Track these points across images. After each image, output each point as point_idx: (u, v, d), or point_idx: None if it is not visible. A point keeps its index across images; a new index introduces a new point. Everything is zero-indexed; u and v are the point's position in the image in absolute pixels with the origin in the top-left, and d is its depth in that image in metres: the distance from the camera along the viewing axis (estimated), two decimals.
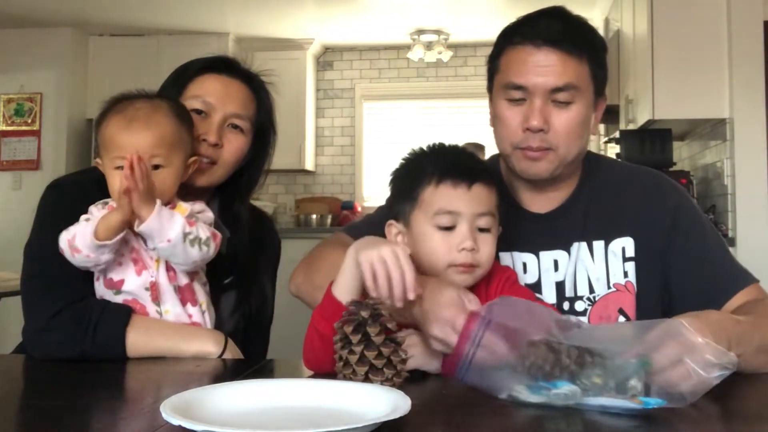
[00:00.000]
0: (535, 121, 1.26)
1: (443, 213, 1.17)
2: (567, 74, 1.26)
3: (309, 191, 6.29)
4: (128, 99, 1.32)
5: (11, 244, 2.61)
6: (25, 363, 1.29)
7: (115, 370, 1.20)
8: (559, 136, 1.27)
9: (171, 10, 5.30)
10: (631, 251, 1.34)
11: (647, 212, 1.35)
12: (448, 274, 1.16)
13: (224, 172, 1.43)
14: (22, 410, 1.00)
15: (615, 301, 1.34)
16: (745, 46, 3.57)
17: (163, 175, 1.27)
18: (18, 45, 5.57)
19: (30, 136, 5.59)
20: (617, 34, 4.52)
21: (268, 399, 0.90)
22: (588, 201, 1.37)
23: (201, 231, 1.26)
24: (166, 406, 0.80)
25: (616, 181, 1.40)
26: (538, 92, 1.26)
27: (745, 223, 3.54)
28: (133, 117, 1.27)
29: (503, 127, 1.32)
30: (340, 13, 5.40)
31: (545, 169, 1.30)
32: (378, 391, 0.89)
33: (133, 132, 1.26)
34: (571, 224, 1.36)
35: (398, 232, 1.23)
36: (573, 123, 1.28)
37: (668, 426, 0.84)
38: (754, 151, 3.57)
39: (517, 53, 1.29)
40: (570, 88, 1.26)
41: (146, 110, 1.28)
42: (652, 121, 3.75)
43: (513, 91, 1.28)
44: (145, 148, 1.24)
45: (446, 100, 6.19)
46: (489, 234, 1.19)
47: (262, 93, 1.50)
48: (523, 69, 1.27)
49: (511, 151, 1.32)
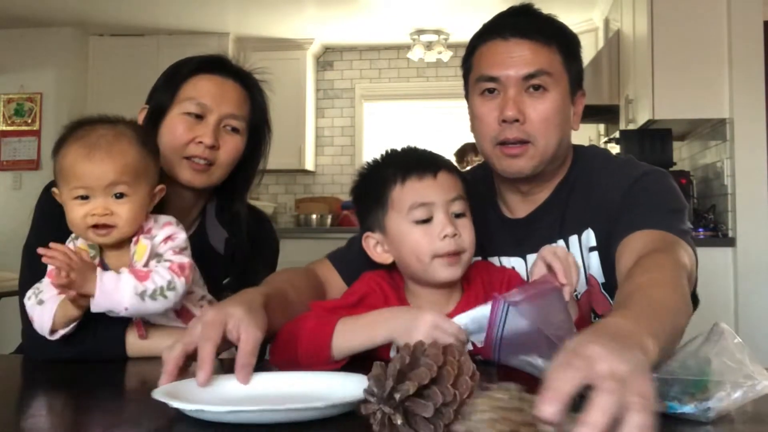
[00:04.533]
0: (509, 111, 1.26)
1: (417, 206, 1.16)
2: (538, 61, 1.27)
3: (309, 191, 6.29)
4: (89, 124, 1.24)
5: (11, 244, 2.61)
6: (25, 363, 1.29)
7: (115, 370, 1.20)
8: (535, 126, 1.27)
9: (171, 10, 5.30)
10: (593, 241, 1.31)
11: (607, 196, 1.29)
12: (435, 269, 1.16)
13: (222, 173, 1.43)
14: (22, 410, 0.99)
15: (587, 296, 1.32)
16: (745, 46, 3.57)
17: (128, 206, 1.20)
18: (18, 45, 5.57)
19: (30, 136, 5.59)
20: (617, 34, 4.51)
21: (254, 387, 0.93)
22: (567, 197, 1.35)
23: (158, 279, 1.18)
24: (156, 391, 0.85)
25: (593, 172, 1.35)
26: (511, 82, 1.27)
27: (745, 223, 3.54)
28: (94, 145, 1.19)
29: (480, 124, 1.32)
30: (340, 13, 5.40)
31: (525, 165, 1.29)
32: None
33: (95, 161, 1.18)
34: (552, 223, 1.35)
35: (376, 242, 1.23)
36: (549, 111, 1.27)
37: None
38: (754, 151, 3.56)
39: (487, 48, 1.31)
40: (542, 74, 1.27)
41: (108, 138, 1.20)
42: (652, 121, 3.74)
43: (486, 83, 1.29)
44: (107, 177, 1.18)
45: (446, 100, 6.19)
46: (465, 218, 1.19)
47: (255, 91, 1.50)
48: (494, 60, 1.29)
49: (491, 150, 1.31)
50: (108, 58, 5.76)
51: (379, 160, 1.26)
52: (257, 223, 1.60)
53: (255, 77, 1.50)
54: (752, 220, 3.54)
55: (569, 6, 4.72)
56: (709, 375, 0.83)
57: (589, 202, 1.32)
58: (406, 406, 0.72)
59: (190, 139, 1.38)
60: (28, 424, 0.90)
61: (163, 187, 1.29)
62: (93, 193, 1.19)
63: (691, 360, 0.86)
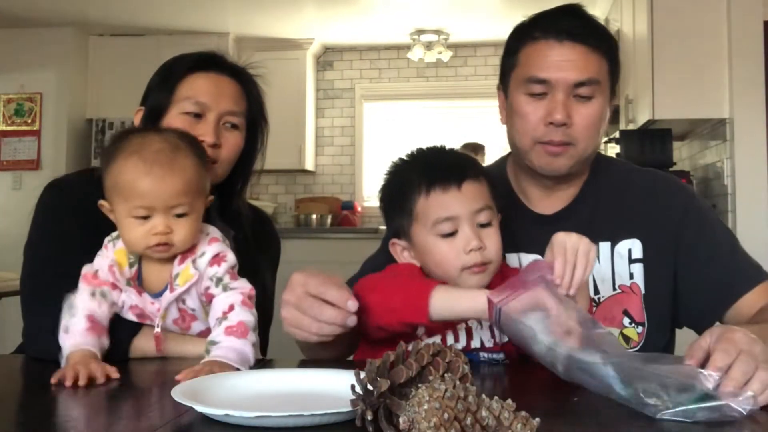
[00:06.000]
0: (558, 114, 1.26)
1: (441, 221, 1.15)
2: (589, 69, 1.26)
3: (309, 191, 6.29)
4: (136, 136, 1.20)
5: (11, 244, 2.61)
6: (25, 363, 1.29)
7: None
8: (580, 131, 1.28)
9: (171, 10, 5.30)
10: (638, 253, 1.34)
11: (655, 213, 1.35)
12: (463, 279, 1.15)
13: (224, 170, 1.43)
14: (22, 410, 0.99)
15: (620, 302, 1.34)
16: (745, 46, 3.57)
17: (188, 224, 1.18)
18: (18, 45, 5.57)
19: (30, 136, 5.59)
20: (617, 34, 4.51)
21: (263, 385, 0.94)
22: (595, 202, 1.38)
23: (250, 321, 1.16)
24: (176, 390, 0.85)
25: (623, 181, 1.40)
26: (561, 86, 1.26)
27: (745, 223, 3.54)
28: (154, 161, 1.14)
29: (524, 122, 1.31)
30: (340, 13, 5.40)
31: (564, 164, 1.31)
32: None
33: (156, 178, 1.14)
34: (577, 225, 1.35)
35: (403, 248, 1.23)
36: (594, 118, 1.28)
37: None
38: (754, 151, 3.57)
39: (539, 47, 1.28)
40: (592, 83, 1.27)
41: (167, 152, 1.16)
42: (652, 121, 3.75)
43: (534, 85, 1.28)
44: (170, 198, 1.15)
45: (446, 100, 6.19)
46: (491, 227, 1.18)
47: (251, 86, 1.49)
48: (546, 63, 1.27)
49: (531, 146, 1.31)
50: (108, 58, 5.76)
51: (405, 161, 1.24)
52: (260, 222, 1.60)
53: (249, 72, 1.50)
54: (752, 220, 3.54)
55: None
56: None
57: (630, 213, 1.35)
58: (386, 403, 0.73)
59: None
60: (28, 424, 0.90)
61: (212, 197, 1.27)
62: (154, 213, 1.16)
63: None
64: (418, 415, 0.66)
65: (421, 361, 0.77)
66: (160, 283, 1.23)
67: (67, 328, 1.17)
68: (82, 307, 1.19)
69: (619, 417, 0.85)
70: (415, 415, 0.67)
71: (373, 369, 0.74)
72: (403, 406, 0.70)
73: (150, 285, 1.24)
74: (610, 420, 0.85)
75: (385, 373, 0.74)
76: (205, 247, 1.23)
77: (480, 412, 0.68)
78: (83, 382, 1.02)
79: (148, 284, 1.23)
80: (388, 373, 0.75)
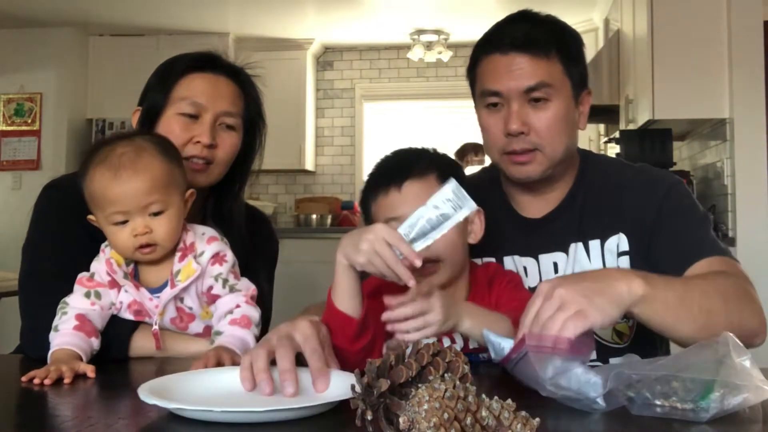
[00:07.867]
0: (513, 125, 1.28)
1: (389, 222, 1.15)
2: (538, 74, 1.28)
3: (309, 191, 6.29)
4: (107, 144, 1.22)
5: (11, 244, 2.60)
6: (25, 363, 1.29)
7: (115, 370, 1.20)
8: (541, 136, 1.30)
9: (171, 10, 5.30)
10: (624, 246, 1.34)
11: (637, 206, 1.34)
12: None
13: (221, 170, 1.43)
14: (22, 410, 0.99)
15: None
16: (745, 46, 3.57)
17: (165, 220, 1.19)
18: (18, 45, 5.57)
19: (30, 136, 5.59)
20: (617, 34, 4.51)
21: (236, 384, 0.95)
22: (584, 201, 1.38)
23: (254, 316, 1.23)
24: (143, 388, 0.86)
25: (611, 179, 1.40)
26: (513, 95, 1.29)
27: (745, 223, 3.54)
28: (118, 165, 1.17)
29: (488, 135, 1.35)
30: (340, 13, 5.40)
31: (535, 170, 1.32)
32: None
33: (122, 181, 1.16)
34: (567, 225, 1.37)
35: None
36: (552, 121, 1.30)
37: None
38: (754, 151, 3.57)
39: (489, 61, 1.33)
40: (543, 86, 1.28)
41: (130, 155, 1.18)
42: (652, 121, 3.74)
43: (489, 97, 1.32)
44: (140, 198, 1.17)
45: (446, 100, 6.19)
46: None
47: (248, 87, 1.49)
48: (495, 75, 1.31)
49: (499, 158, 1.35)
50: (108, 58, 5.76)
51: (373, 168, 1.30)
52: (257, 223, 1.60)
53: (247, 72, 1.50)
54: (752, 220, 3.54)
55: (569, 6, 4.71)
56: (711, 377, 0.84)
57: (617, 209, 1.35)
58: (386, 403, 0.73)
59: (188, 140, 1.38)
60: (28, 424, 0.90)
61: (193, 191, 1.28)
62: (130, 216, 1.18)
63: (694, 360, 0.86)
64: (418, 415, 0.67)
65: (421, 361, 0.77)
66: (158, 281, 1.23)
67: (57, 327, 1.19)
68: (74, 307, 1.21)
69: (619, 417, 0.85)
70: (415, 415, 0.67)
71: (373, 369, 0.74)
72: (403, 406, 0.70)
73: (147, 282, 1.24)
74: (611, 420, 0.85)
75: (385, 373, 0.75)
76: (203, 246, 1.24)
77: (480, 412, 0.68)
78: (49, 382, 1.04)
79: (146, 282, 1.24)
80: (388, 373, 0.75)
